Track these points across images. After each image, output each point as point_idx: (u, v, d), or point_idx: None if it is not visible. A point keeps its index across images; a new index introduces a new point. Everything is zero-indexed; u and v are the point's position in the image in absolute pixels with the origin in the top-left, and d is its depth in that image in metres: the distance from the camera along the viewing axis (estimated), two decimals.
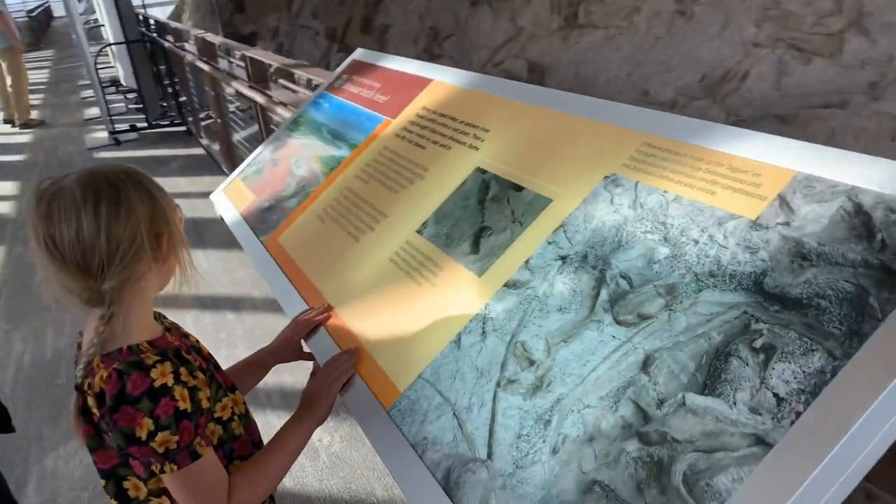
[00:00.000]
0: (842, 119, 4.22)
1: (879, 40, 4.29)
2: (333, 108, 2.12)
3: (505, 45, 6.96)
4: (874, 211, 0.85)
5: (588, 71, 6.18)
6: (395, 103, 1.87)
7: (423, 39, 7.80)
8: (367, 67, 2.16)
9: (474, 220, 1.33)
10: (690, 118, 1.16)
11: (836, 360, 0.77)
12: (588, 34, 6.34)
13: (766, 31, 4.98)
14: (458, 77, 1.74)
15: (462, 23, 7.51)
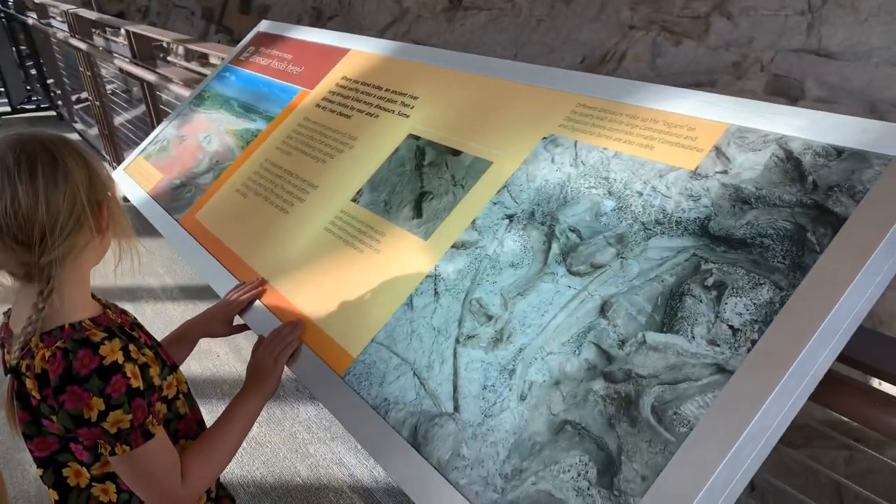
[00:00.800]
0: None
1: (741, 24, 4.62)
2: (242, 81, 2.03)
3: (391, 26, 6.92)
4: (803, 156, 0.92)
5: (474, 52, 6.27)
6: (311, 74, 1.82)
7: (305, 20, 7.60)
8: (276, 39, 2.08)
9: (413, 186, 1.33)
10: (623, 79, 1.21)
11: (783, 291, 0.83)
12: (472, 16, 6.41)
13: (641, 14, 5.23)
14: (378, 46, 1.72)
15: (346, 3, 7.38)
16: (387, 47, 1.70)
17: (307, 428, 2.52)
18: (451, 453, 0.97)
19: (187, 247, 1.66)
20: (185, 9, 8.73)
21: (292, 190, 1.56)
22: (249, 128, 1.83)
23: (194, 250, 1.64)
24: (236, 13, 8.31)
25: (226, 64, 2.17)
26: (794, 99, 4.03)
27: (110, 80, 4.59)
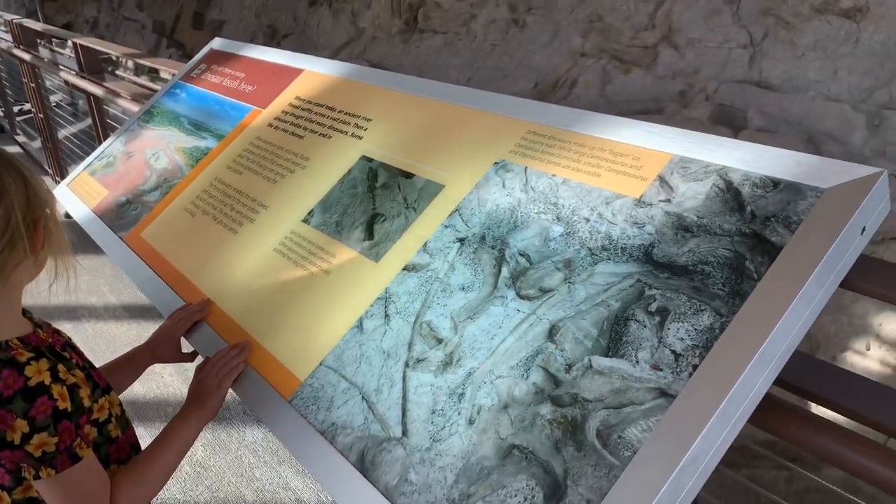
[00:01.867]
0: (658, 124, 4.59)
1: (687, 55, 4.78)
2: (192, 98, 2.00)
3: (346, 46, 6.93)
4: (742, 187, 0.96)
5: (429, 75, 6.31)
6: (264, 93, 1.81)
7: (259, 37, 7.55)
8: (229, 57, 2.06)
9: (365, 208, 1.33)
10: (571, 108, 1.24)
11: (723, 317, 0.86)
12: (428, 38, 6.48)
13: (591, 42, 5.37)
14: (332, 67, 1.72)
15: (301, 22, 7.37)
16: (341, 69, 1.70)
17: (253, 451, 2.46)
18: (398, 479, 0.96)
19: (132, 265, 1.62)
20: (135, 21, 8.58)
21: (242, 210, 1.54)
22: (199, 146, 1.81)
23: (139, 269, 1.60)
24: (189, 28, 8.21)
25: (176, 80, 2.14)
26: (737, 128, 4.18)
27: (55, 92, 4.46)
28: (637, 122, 1.13)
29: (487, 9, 6.21)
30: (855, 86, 4.20)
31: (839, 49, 4.30)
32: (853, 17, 4.25)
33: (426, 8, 6.63)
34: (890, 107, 3.97)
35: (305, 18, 7.30)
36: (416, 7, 6.67)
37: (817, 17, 4.38)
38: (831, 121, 4.07)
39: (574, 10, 5.73)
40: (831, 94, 4.25)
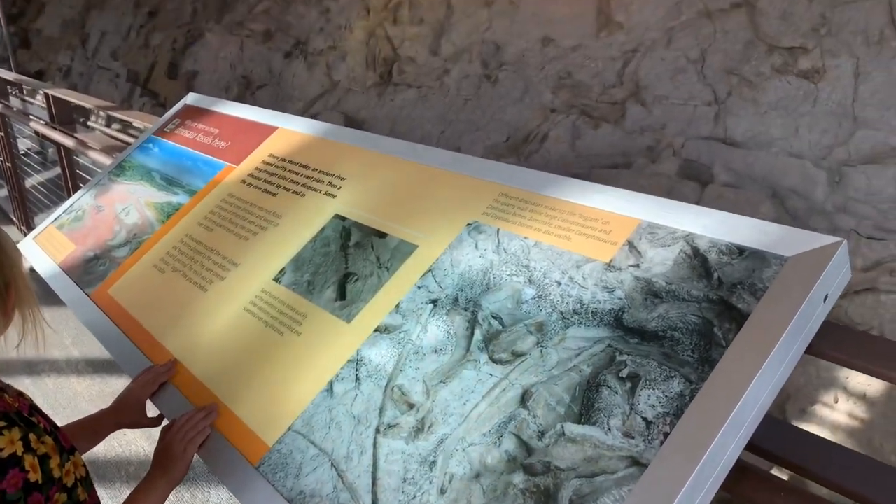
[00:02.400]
0: (627, 178, 4.72)
1: (654, 111, 4.92)
2: (165, 152, 2.00)
3: (321, 97, 7.02)
4: (709, 253, 0.98)
5: (403, 127, 6.41)
6: (238, 150, 1.82)
7: (234, 88, 7.61)
8: (202, 112, 2.08)
9: (338, 267, 1.33)
10: (542, 172, 1.27)
11: (692, 385, 0.87)
12: (402, 92, 6.59)
13: (561, 98, 5.51)
14: (307, 125, 1.74)
15: (276, 73, 7.45)
16: (315, 127, 1.72)
17: None
18: None
19: (98, 323, 1.59)
20: (109, 70, 8.60)
21: (212, 267, 1.53)
22: (171, 201, 1.80)
23: (105, 327, 1.57)
24: (163, 77, 8.26)
25: (149, 134, 2.14)
26: (704, 183, 4.29)
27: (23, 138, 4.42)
28: (606, 188, 1.16)
29: (460, 64, 6.36)
30: (815, 143, 4.34)
31: (799, 108, 4.46)
32: (811, 78, 4.42)
33: (400, 62, 6.77)
34: (849, 163, 4.10)
35: (280, 70, 7.40)
36: (390, 61, 6.81)
37: (778, 77, 4.55)
38: (794, 176, 4.20)
39: (544, 66, 5.89)
40: (793, 150, 4.39)
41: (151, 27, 8.66)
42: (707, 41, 4.81)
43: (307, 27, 7.36)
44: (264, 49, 7.55)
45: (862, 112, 4.03)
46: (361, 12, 7.01)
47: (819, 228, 3.66)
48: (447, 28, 6.44)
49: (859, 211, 3.80)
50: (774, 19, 4.57)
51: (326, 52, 7.05)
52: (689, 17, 4.90)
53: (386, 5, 6.82)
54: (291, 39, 7.40)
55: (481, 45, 6.01)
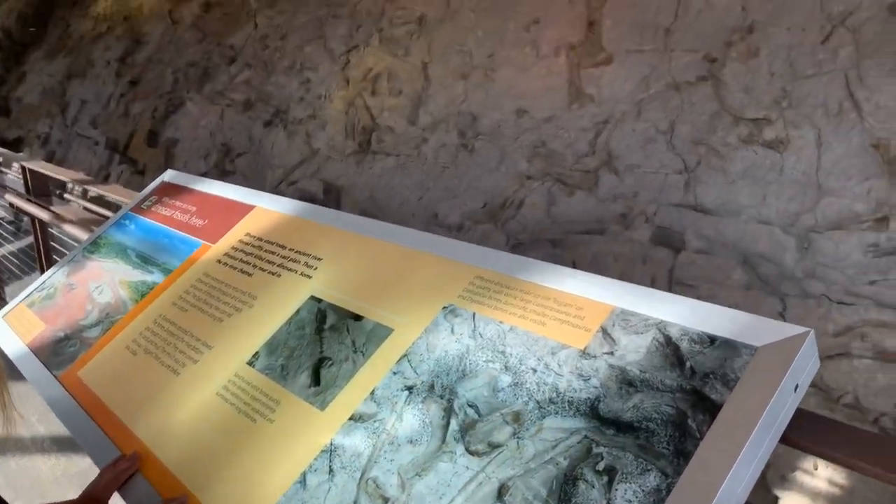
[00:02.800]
0: (601, 244, 4.78)
1: (626, 179, 5.03)
2: (142, 230, 1.99)
3: (300, 165, 7.09)
4: (681, 342, 0.99)
5: (382, 194, 6.47)
6: (215, 228, 1.82)
7: (213, 155, 7.67)
8: (180, 190, 2.08)
9: (312, 351, 1.31)
10: (517, 255, 1.28)
11: (668, 478, 0.86)
12: (381, 160, 6.68)
13: (536, 166, 5.62)
14: (284, 205, 1.75)
15: (256, 141, 7.53)
16: (293, 206, 1.73)
17: None
18: None
19: (66, 407, 1.55)
20: (88, 138, 8.64)
21: (185, 349, 1.51)
22: (146, 280, 1.78)
23: (73, 412, 1.52)
24: (143, 145, 8.30)
25: (126, 211, 2.14)
26: (676, 249, 4.35)
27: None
28: (579, 273, 1.17)
29: (438, 134, 6.48)
30: (783, 210, 4.45)
31: (766, 176, 4.58)
32: (776, 148, 4.56)
33: (379, 132, 6.89)
34: (816, 230, 4.20)
35: (260, 138, 7.49)
36: (369, 130, 6.92)
37: (744, 147, 4.69)
38: (764, 243, 4.28)
39: (519, 136, 6.03)
40: (762, 217, 4.49)
41: (132, 96, 8.76)
42: (675, 112, 4.96)
43: (287, 97, 7.49)
44: (244, 118, 7.65)
45: (826, 180, 4.16)
46: (341, 83, 7.16)
47: (790, 294, 3.73)
48: (425, 99, 6.59)
49: (828, 276, 3.87)
50: (738, 92, 4.75)
51: (306, 120, 7.16)
52: (657, 90, 5.07)
53: (365, 76, 6.99)
54: (272, 108, 7.52)
55: (458, 116, 6.15)
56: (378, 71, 6.90)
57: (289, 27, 7.85)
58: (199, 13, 9.05)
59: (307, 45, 7.61)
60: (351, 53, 7.24)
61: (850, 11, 4.38)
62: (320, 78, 7.38)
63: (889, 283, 3.80)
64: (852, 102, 4.28)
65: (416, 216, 6.19)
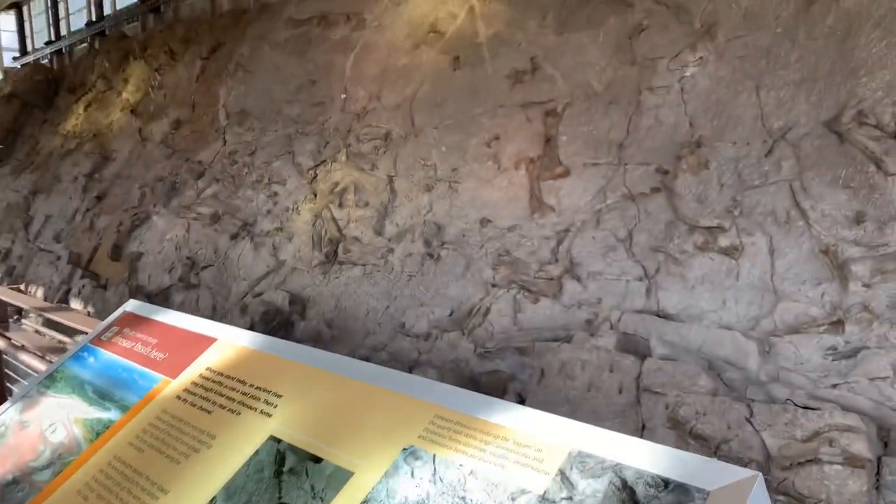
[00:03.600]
0: (568, 352, 4.81)
1: (589, 286, 5.14)
2: (100, 363, 1.97)
3: (266, 276, 7.09)
4: (636, 485, 1.00)
5: (348, 303, 6.47)
6: (175, 361, 1.80)
7: (178, 268, 7.65)
8: (141, 321, 2.07)
9: (271, 496, 1.29)
10: (476, 393, 1.30)
11: None
12: (347, 270, 6.73)
13: (501, 274, 5.71)
14: (246, 338, 1.75)
15: (222, 254, 7.56)
16: (253, 339, 1.74)
17: None
18: None
19: None
20: (50, 253, 8.57)
21: (140, 494, 1.46)
22: (102, 417, 1.75)
23: None
24: (106, 259, 8.26)
25: (85, 343, 2.11)
26: (642, 356, 4.39)
27: None
28: (538, 413, 1.19)
29: (404, 243, 6.59)
30: (743, 315, 4.54)
31: (724, 282, 4.71)
32: (731, 254, 4.71)
33: (346, 242, 6.98)
34: (776, 334, 4.28)
35: (226, 251, 7.52)
36: (336, 241, 7.01)
37: (701, 254, 4.83)
38: (727, 347, 4.34)
39: (483, 245, 6.15)
40: (723, 322, 4.57)
41: (98, 210, 8.79)
42: (632, 221, 5.14)
43: (255, 210, 7.60)
44: (211, 231, 7.71)
45: (781, 285, 4.29)
46: (309, 196, 7.31)
47: (756, 399, 3.77)
48: (391, 210, 6.74)
49: (792, 380, 3.93)
50: (691, 202, 4.96)
51: (273, 233, 7.23)
52: (614, 201, 5.27)
53: (332, 190, 7.15)
54: (239, 221, 7.60)
55: (423, 226, 6.28)
56: (345, 184, 7.07)
57: (258, 143, 8.06)
58: (168, 130, 9.28)
59: (275, 160, 7.80)
60: (318, 168, 7.43)
61: (789, 127, 4.66)
62: (288, 191, 7.52)
63: (850, 387, 3.86)
64: (799, 211, 4.48)
65: (382, 325, 6.19)
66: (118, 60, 10.67)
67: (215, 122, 8.75)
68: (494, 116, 6.27)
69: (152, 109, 9.71)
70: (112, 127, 9.99)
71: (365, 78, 7.52)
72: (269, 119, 8.25)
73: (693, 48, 5.25)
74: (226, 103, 8.78)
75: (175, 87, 9.64)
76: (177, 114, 9.28)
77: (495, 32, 6.61)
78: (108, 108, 10.36)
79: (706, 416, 3.60)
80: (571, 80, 5.90)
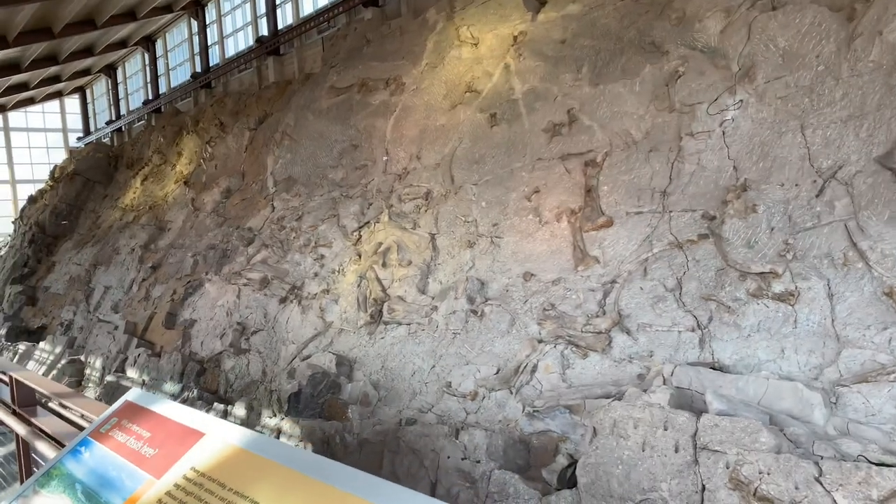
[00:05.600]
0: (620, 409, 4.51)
1: (639, 339, 4.87)
2: (95, 458, 1.87)
3: (314, 339, 7.04)
4: None
5: (394, 363, 6.34)
6: (163, 458, 1.70)
7: (229, 334, 7.69)
8: (139, 412, 1.98)
9: None
10: None
11: None
12: (392, 329, 6.63)
13: (547, 328, 5.49)
14: (234, 434, 1.63)
15: (271, 318, 7.57)
16: (241, 437, 1.62)
17: None
18: None
19: None
20: (108, 323, 8.77)
21: None
22: None
23: None
24: (160, 328, 8.39)
25: (85, 436, 2.02)
26: (698, 411, 4.08)
27: None
28: None
29: (448, 301, 6.46)
30: (804, 364, 4.23)
31: (781, 329, 4.41)
32: (787, 300, 4.43)
33: (390, 302, 6.90)
34: (842, 383, 3.93)
35: (275, 315, 7.53)
36: (380, 301, 6.93)
37: (755, 301, 4.56)
38: (788, 400, 4.01)
39: (528, 299, 5.97)
40: (783, 372, 4.26)
41: (153, 280, 9.00)
42: (681, 270, 4.90)
43: (302, 273, 7.63)
44: (260, 296, 7.75)
45: (843, 331, 3.96)
46: (353, 257, 7.30)
47: (825, 456, 3.42)
48: (433, 268, 6.66)
49: (864, 434, 3.58)
50: (740, 247, 4.69)
51: (320, 295, 7.22)
52: (660, 249, 5.04)
53: (376, 250, 7.13)
54: (287, 286, 7.63)
55: (466, 283, 6.15)
56: (388, 244, 7.04)
57: (304, 209, 8.16)
58: (219, 199, 9.51)
59: (321, 223, 7.86)
60: (362, 229, 7.44)
61: (839, 165, 4.39)
62: (334, 253, 7.54)
63: None
64: (857, 252, 4.18)
65: (429, 385, 6.01)
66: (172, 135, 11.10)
67: (264, 189, 8.94)
68: (533, 170, 6.17)
69: (204, 180, 10.01)
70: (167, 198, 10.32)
71: (405, 139, 7.57)
72: (314, 184, 8.37)
73: (732, 91, 5.07)
74: (273, 171, 8.97)
75: (225, 158, 9.94)
76: (227, 183, 9.53)
77: (531, 88, 6.57)
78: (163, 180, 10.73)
79: (770, 475, 3.28)
80: (609, 129, 5.77)
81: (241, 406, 6.34)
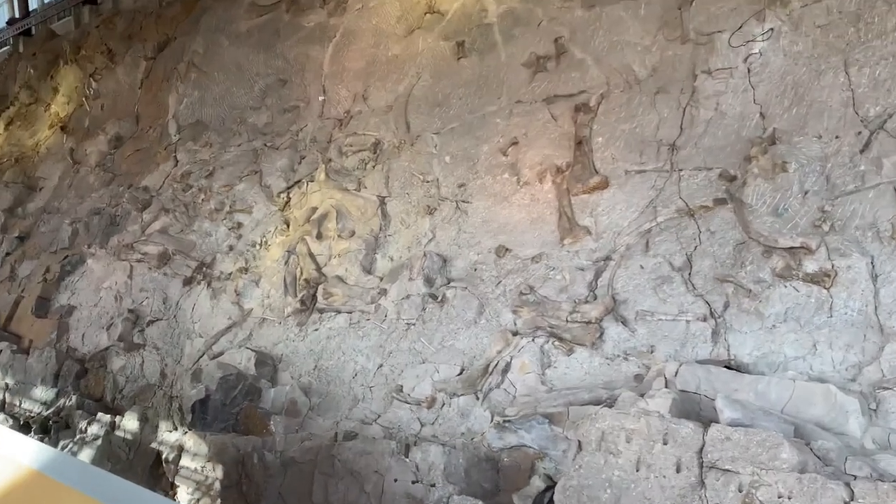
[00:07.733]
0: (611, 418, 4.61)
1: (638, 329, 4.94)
2: None
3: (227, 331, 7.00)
4: None
5: (331, 362, 6.33)
6: None
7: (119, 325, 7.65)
8: None
9: None
10: None
11: None
12: (329, 319, 6.60)
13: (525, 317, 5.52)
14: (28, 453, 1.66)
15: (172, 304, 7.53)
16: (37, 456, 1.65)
17: None
18: None
19: None
20: None
21: None
22: None
23: None
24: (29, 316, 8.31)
25: None
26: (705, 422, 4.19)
27: None
28: None
29: (400, 283, 6.47)
30: (839, 361, 4.33)
31: (813, 319, 4.49)
32: (821, 282, 4.50)
33: (327, 284, 6.86)
34: (885, 385, 4.05)
35: (178, 300, 7.49)
36: (314, 283, 6.89)
37: (782, 283, 4.62)
38: (819, 406, 4.12)
39: (501, 281, 5.98)
40: (814, 372, 4.35)
41: (20, 254, 8.89)
42: (691, 244, 4.95)
43: (213, 247, 7.57)
44: (159, 275, 7.70)
45: (889, 321, 4.06)
46: (280, 226, 7.24)
47: (859, 476, 3.54)
48: (382, 241, 6.64)
49: None
50: (766, 216, 4.74)
51: (236, 275, 7.16)
52: (666, 218, 5.07)
53: (309, 217, 7.08)
54: (193, 262, 7.56)
55: (424, 259, 6.15)
56: (325, 210, 6.99)
57: (216, 163, 8.08)
58: (106, 150, 9.38)
59: (239, 182, 7.78)
60: (292, 190, 7.38)
61: (889, 113, 4.46)
62: (254, 221, 7.48)
63: None
64: None
65: (374, 390, 6.03)
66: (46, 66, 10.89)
67: (164, 137, 8.82)
68: (511, 116, 6.17)
69: (87, 125, 9.85)
70: (38, 149, 10.16)
71: (347, 74, 7.50)
72: (229, 131, 8.27)
73: (760, 17, 5.11)
74: (176, 114, 8.86)
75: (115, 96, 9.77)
76: (117, 129, 9.40)
77: (508, 9, 6.55)
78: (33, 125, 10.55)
79: (792, 499, 3.39)
80: (607, 64, 5.79)
81: (133, 417, 6.32)
